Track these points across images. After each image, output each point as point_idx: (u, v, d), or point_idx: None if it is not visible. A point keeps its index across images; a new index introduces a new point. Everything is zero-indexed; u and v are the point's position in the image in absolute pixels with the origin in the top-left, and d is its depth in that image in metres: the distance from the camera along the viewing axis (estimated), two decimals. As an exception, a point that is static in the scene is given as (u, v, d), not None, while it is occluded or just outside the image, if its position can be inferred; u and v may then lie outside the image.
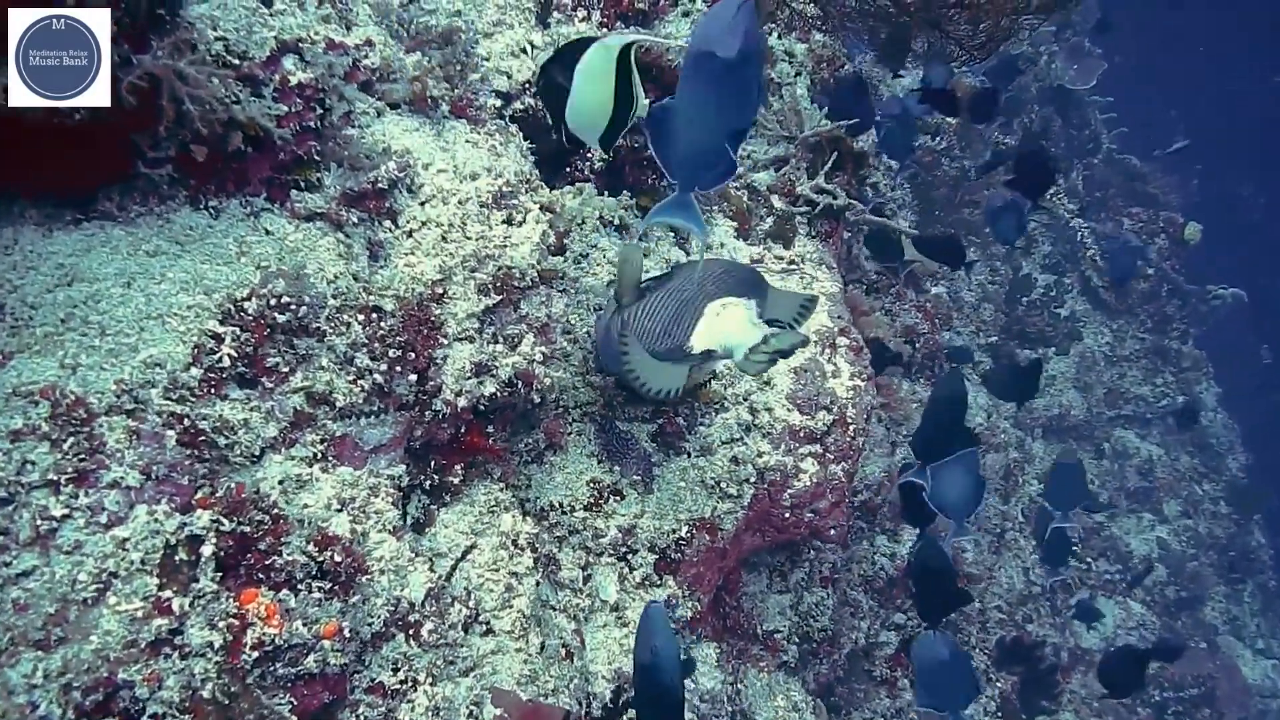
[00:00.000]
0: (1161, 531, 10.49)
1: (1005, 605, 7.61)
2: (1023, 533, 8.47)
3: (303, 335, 2.32)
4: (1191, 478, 11.18)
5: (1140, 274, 9.57)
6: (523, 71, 3.13)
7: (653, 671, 2.38)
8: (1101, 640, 9.05)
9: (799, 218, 4.09)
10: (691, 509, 3.22)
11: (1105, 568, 9.82)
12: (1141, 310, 11.08)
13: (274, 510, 2.16)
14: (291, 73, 2.33)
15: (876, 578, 5.81)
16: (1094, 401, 10.29)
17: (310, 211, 2.43)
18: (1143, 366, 11.08)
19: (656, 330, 2.72)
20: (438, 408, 2.52)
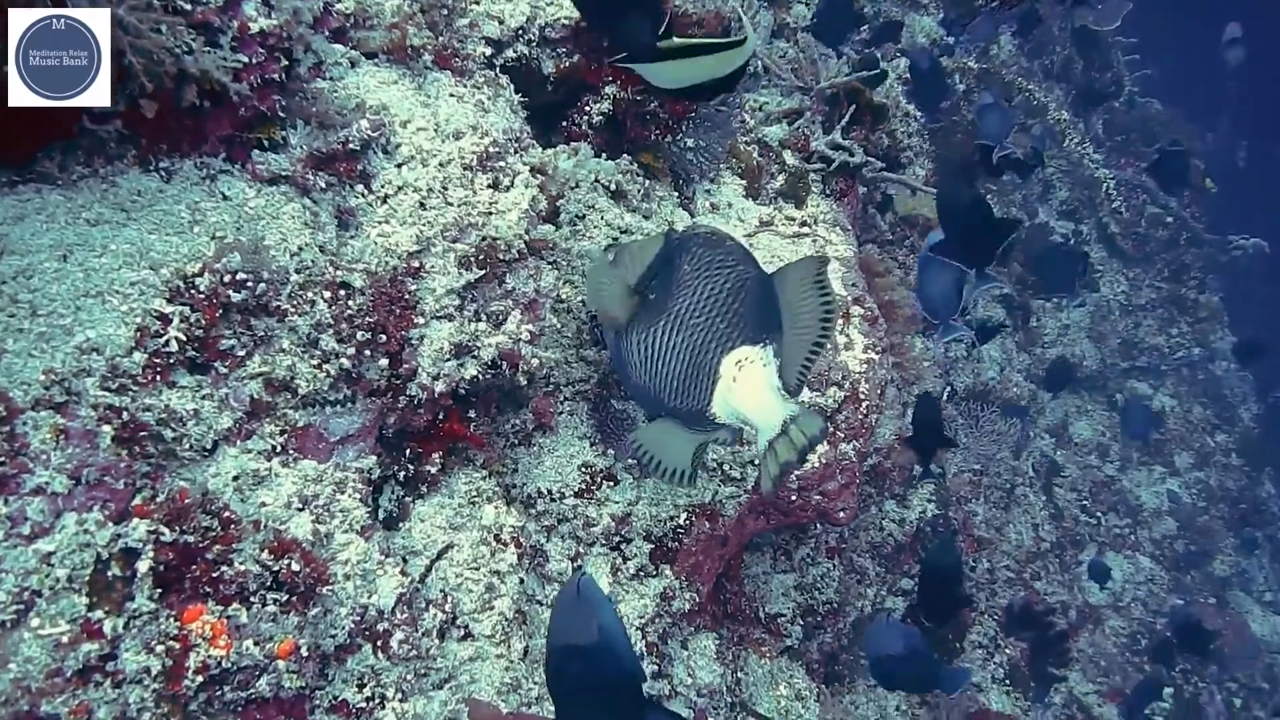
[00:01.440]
0: (1173, 484, 10.31)
1: (1014, 564, 7.43)
2: (1033, 488, 8.28)
3: (261, 315, 2.10)
4: (1204, 429, 10.99)
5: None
6: (516, 16, 2.87)
7: (604, 654, 1.95)
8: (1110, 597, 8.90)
9: (812, 175, 3.83)
10: (691, 493, 3.00)
11: (1115, 522, 9.64)
12: (1159, 259, 10.82)
13: (224, 514, 1.94)
14: (252, 19, 2.08)
15: (884, 544, 5.62)
16: (1108, 352, 10.06)
17: (274, 174, 2.20)
18: (1158, 316, 10.85)
19: (668, 383, 2.31)
20: (413, 393, 2.29)
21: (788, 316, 2.28)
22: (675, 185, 3.39)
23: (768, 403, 2.21)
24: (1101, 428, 9.82)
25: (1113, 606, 8.88)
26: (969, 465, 6.79)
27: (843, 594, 4.56)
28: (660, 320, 2.30)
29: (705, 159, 3.38)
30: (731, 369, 2.24)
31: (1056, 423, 9.38)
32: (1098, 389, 10.16)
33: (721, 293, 2.27)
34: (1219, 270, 11.65)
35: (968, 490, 6.75)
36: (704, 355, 2.26)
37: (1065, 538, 8.74)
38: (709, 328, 2.26)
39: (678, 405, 2.31)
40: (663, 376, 2.31)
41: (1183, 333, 10.97)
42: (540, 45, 2.93)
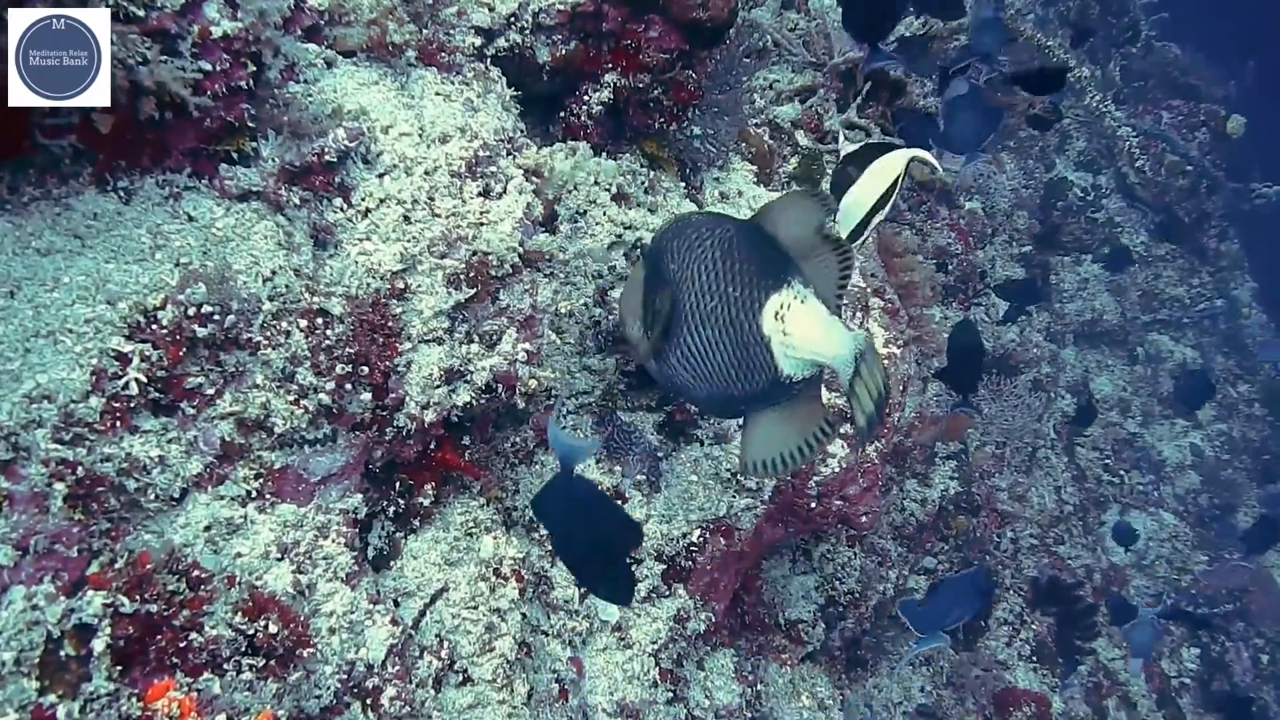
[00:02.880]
0: (1195, 437, 10.16)
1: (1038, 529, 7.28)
2: (1054, 450, 8.12)
3: (231, 349, 1.92)
4: (1226, 380, 10.84)
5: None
6: (507, 2, 2.66)
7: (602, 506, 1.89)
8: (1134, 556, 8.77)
9: (827, 156, 3.63)
10: (704, 507, 2.83)
11: (1138, 479, 9.50)
12: (1179, 208, 10.61)
13: (193, 573, 1.78)
14: (214, 22, 1.89)
15: (906, 525, 5.47)
16: (1128, 305, 9.88)
17: (244, 190, 2.02)
18: (1179, 266, 10.65)
19: (728, 376, 2.16)
20: (401, 424, 2.12)
21: (797, 251, 2.13)
22: (682, 174, 3.20)
23: (829, 332, 2.08)
24: (1123, 383, 9.69)
25: (1136, 565, 8.76)
26: (991, 438, 6.63)
27: (864, 582, 4.41)
28: (682, 328, 2.17)
29: (713, 145, 3.19)
30: (775, 324, 2.10)
31: (1077, 380, 9.23)
32: (1118, 343, 9.99)
33: (716, 263, 2.14)
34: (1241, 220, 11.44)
35: (990, 464, 6.59)
36: (740, 329, 2.12)
37: (1088, 499, 8.61)
38: (727, 302, 2.12)
39: (752, 390, 2.16)
40: (721, 375, 2.17)
41: (1204, 283, 10.78)
42: (535, 32, 2.72)
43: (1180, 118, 10.98)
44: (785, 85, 3.75)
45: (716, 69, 3.08)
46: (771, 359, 2.11)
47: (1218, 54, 12.48)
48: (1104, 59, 10.94)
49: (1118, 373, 9.81)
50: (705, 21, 2.76)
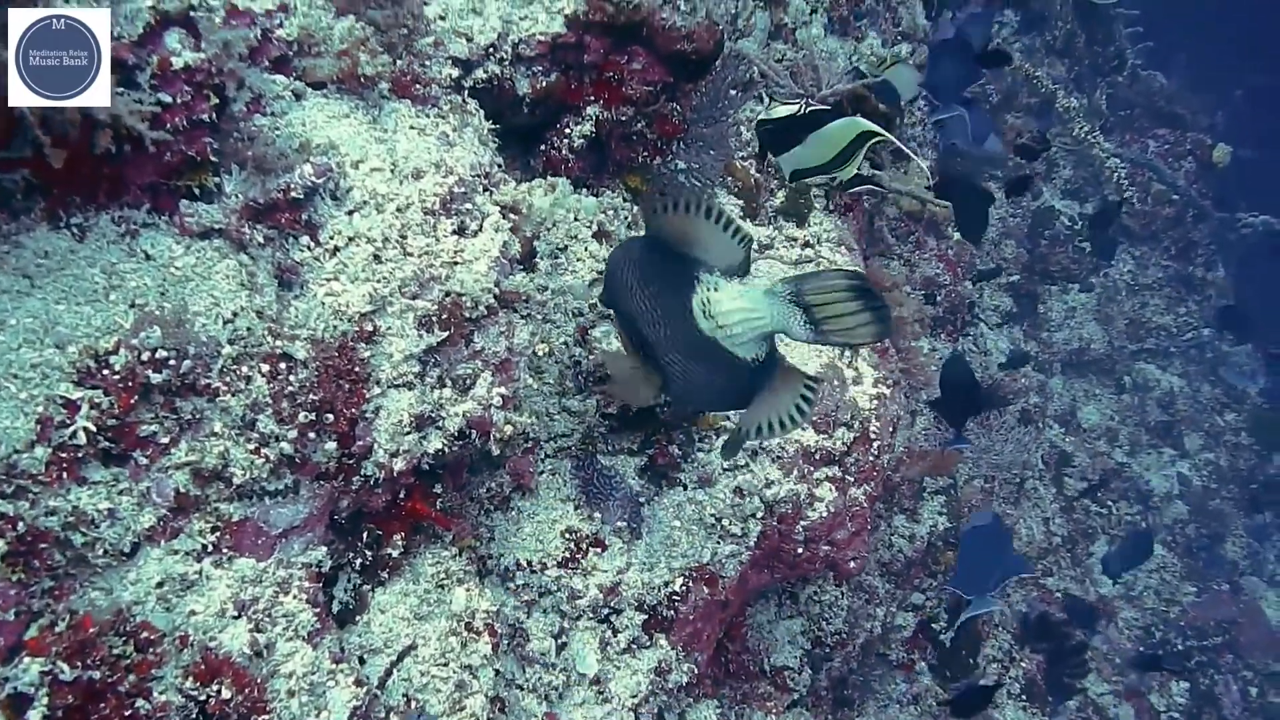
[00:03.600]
0: (1182, 467, 10.12)
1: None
2: (1043, 481, 8.06)
3: (188, 395, 1.82)
4: (1213, 408, 10.82)
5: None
6: (486, 33, 2.58)
7: None
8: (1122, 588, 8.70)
9: (814, 191, 3.55)
10: (687, 554, 2.73)
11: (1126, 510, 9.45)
12: (1165, 236, 10.61)
13: (142, 634, 1.68)
14: (175, 53, 1.81)
15: (894, 561, 5.38)
16: (1115, 334, 9.85)
17: (205, 227, 1.92)
18: (1165, 295, 10.64)
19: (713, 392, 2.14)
20: (368, 472, 2.02)
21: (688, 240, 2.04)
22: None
23: (749, 304, 2.01)
24: (1110, 412, 9.63)
25: (1125, 598, 8.69)
26: (980, 472, 6.55)
27: (852, 621, 4.32)
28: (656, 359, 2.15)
29: (699, 179, 3.10)
30: (708, 322, 2.03)
31: (1064, 409, 9.19)
32: (1106, 372, 9.96)
33: (638, 290, 2.11)
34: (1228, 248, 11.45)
35: (979, 499, 6.50)
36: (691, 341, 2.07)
37: (1076, 530, 8.55)
38: (665, 323, 2.09)
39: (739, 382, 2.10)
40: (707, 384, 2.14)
41: (1190, 311, 10.78)
42: (514, 64, 2.64)
43: (1166, 146, 10.99)
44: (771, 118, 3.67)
45: (702, 101, 3.00)
46: (728, 353, 2.04)
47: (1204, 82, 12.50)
48: (1090, 88, 10.95)
49: (1105, 402, 9.76)
50: (690, 53, 2.68)
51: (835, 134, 2.67)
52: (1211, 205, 10.92)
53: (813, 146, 2.69)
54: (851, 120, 2.70)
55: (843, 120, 2.70)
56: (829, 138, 2.67)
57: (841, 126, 2.68)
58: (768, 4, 3.90)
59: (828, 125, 2.68)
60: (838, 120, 2.69)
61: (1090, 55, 11.27)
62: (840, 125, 2.68)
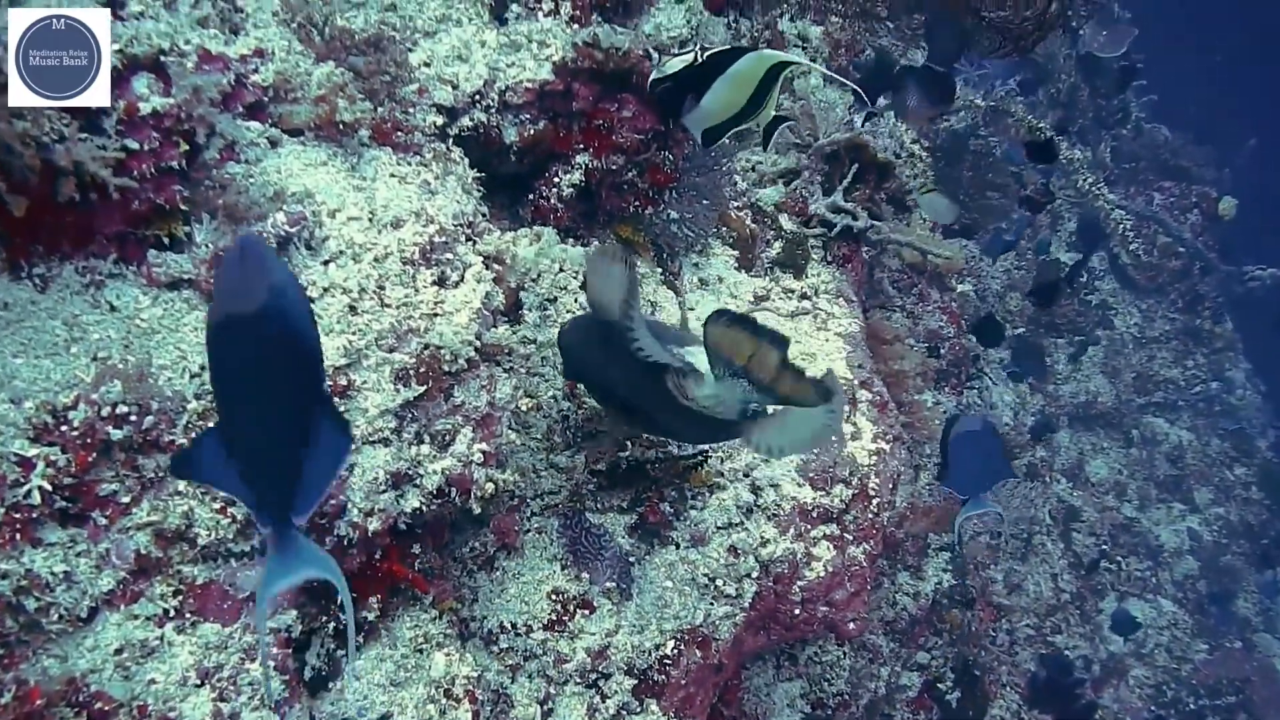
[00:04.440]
0: (1192, 521, 10.01)
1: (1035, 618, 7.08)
2: (1050, 536, 7.95)
3: (151, 452, 1.75)
4: (1222, 462, 10.71)
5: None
6: (472, 80, 2.52)
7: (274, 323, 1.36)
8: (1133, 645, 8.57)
9: (812, 241, 3.48)
10: (680, 616, 2.63)
11: (1136, 566, 9.33)
12: (1172, 289, 10.56)
13: (96, 704, 1.60)
14: (143, 98, 1.76)
15: (898, 619, 5.26)
16: (1122, 387, 9.77)
17: (174, 278, 1.86)
18: (1173, 348, 10.57)
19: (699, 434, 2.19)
20: (341, 532, 1.94)
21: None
22: (659, 260, 3.04)
23: (714, 391, 2.04)
24: (1119, 466, 9.54)
25: (1135, 655, 8.55)
26: (986, 528, 6.44)
27: (854, 682, 4.21)
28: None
29: (692, 230, 3.04)
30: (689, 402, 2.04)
31: (1072, 463, 9.10)
32: (1114, 426, 9.88)
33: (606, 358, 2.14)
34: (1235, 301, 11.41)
35: (985, 555, 6.40)
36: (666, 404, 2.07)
37: (1085, 587, 8.43)
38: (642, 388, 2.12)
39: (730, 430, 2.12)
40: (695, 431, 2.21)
41: (1198, 364, 10.72)
42: (501, 111, 2.58)
43: (1172, 199, 10.97)
44: (768, 167, 3.61)
45: (694, 150, 2.94)
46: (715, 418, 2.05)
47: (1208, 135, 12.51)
48: (1094, 140, 10.95)
49: (1113, 455, 9.67)
50: (683, 101, 2.62)
51: (744, 74, 2.45)
52: (1218, 258, 10.88)
53: (721, 93, 2.48)
54: (758, 54, 2.47)
55: (748, 56, 2.46)
56: (737, 79, 2.46)
57: (749, 63, 2.45)
58: (766, 52, 3.86)
59: (733, 67, 2.45)
60: (743, 58, 2.46)
61: (1094, 108, 11.29)
62: (747, 62, 2.45)
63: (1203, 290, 10.77)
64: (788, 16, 4.19)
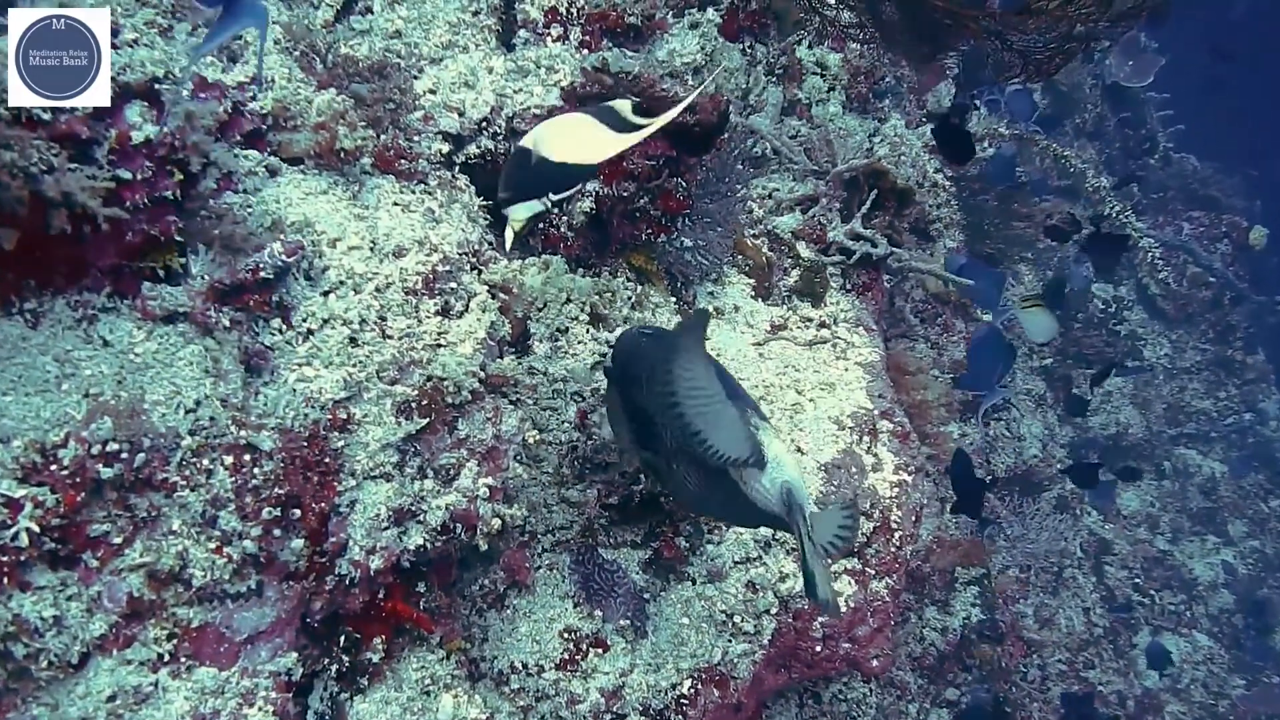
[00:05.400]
0: (1227, 555, 9.86)
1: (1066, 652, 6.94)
2: (1082, 570, 7.82)
3: (144, 490, 1.70)
4: (1257, 494, 10.55)
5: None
6: (479, 107, 2.47)
7: None
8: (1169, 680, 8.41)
9: (831, 269, 3.42)
10: (697, 653, 2.56)
11: (1170, 600, 9.18)
12: (1203, 320, 10.44)
13: (86, 754, 1.53)
14: (136, 126, 1.72)
15: (926, 655, 5.16)
16: (1153, 419, 9.65)
17: (169, 310, 1.81)
18: (1204, 379, 10.44)
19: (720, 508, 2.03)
20: (343, 571, 1.88)
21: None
22: (672, 289, 2.98)
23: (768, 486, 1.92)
24: (1150, 498, 9.41)
25: (1171, 690, 8.39)
26: (1015, 561, 6.33)
27: (881, 720, 4.12)
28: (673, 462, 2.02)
29: (706, 258, 2.98)
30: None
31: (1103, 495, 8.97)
32: (1145, 457, 9.75)
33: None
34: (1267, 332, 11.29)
35: (1015, 589, 6.28)
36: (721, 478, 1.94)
37: (1118, 621, 8.29)
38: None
39: (752, 517, 1.99)
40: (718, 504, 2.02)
41: (1230, 395, 10.58)
42: (509, 138, 2.53)
43: (1201, 229, 10.87)
44: (785, 194, 3.55)
45: (708, 177, 2.88)
46: (751, 503, 1.92)
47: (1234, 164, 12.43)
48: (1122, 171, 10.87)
49: (1145, 488, 9.54)
50: (693, 126, 2.57)
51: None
52: (1249, 288, 10.77)
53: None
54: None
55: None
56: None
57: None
58: (781, 80, 3.81)
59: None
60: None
61: (1121, 138, 11.22)
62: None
63: (1234, 321, 10.65)
64: (806, 43, 4.14)
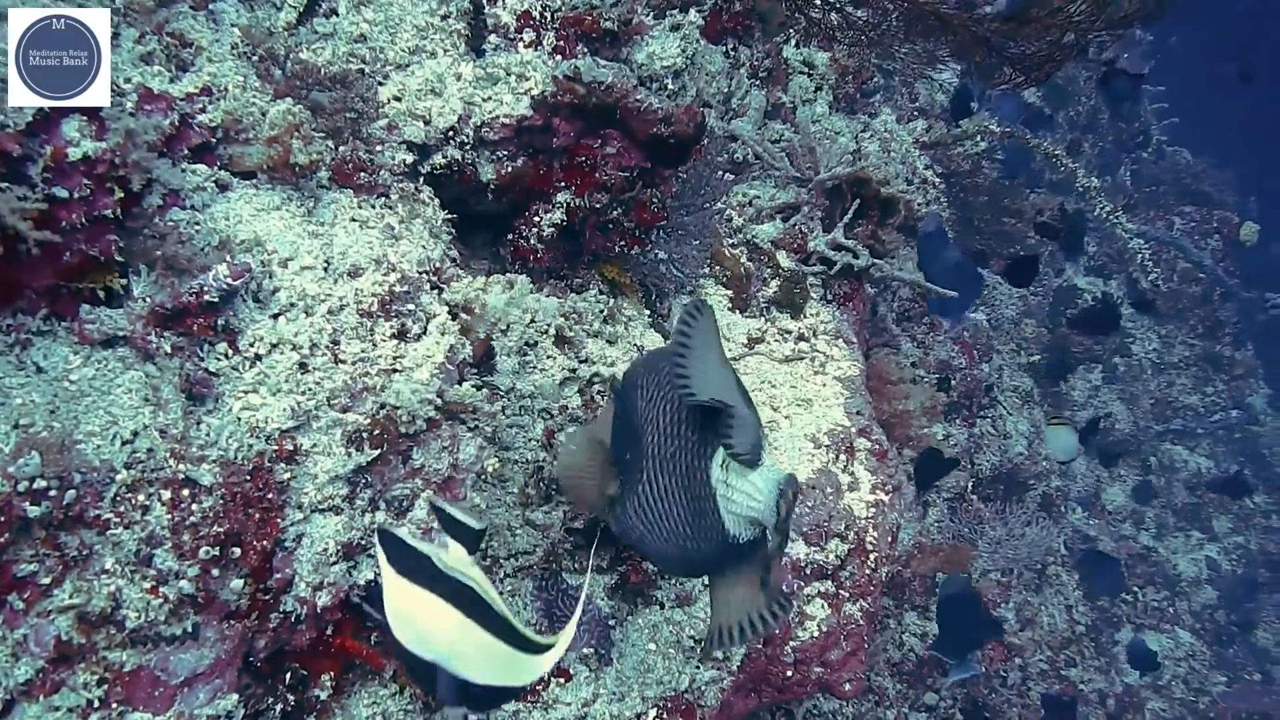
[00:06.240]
0: (1211, 550, 9.85)
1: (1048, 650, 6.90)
2: (1065, 567, 7.77)
3: (75, 528, 1.62)
4: (1244, 490, 10.57)
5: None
6: (445, 115, 2.38)
7: None
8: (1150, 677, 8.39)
9: (811, 279, 3.34)
10: (663, 680, 2.49)
11: (1153, 596, 9.16)
12: (1192, 315, 10.41)
13: (4, 812, 1.45)
14: (73, 142, 1.63)
15: (905, 660, 5.11)
16: (1140, 414, 9.62)
17: (108, 335, 1.72)
18: (1192, 375, 10.42)
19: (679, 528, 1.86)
20: (289, 608, 1.80)
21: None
22: (647, 301, 2.90)
23: (764, 485, 1.76)
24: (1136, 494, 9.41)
25: (1152, 687, 8.38)
26: (997, 565, 6.27)
27: (858, 729, 4.07)
28: (641, 474, 1.87)
29: (681, 269, 2.89)
30: (720, 474, 1.79)
31: (1088, 492, 8.95)
32: (1131, 453, 9.72)
33: (678, 404, 1.85)
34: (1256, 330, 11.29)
35: (997, 593, 6.24)
36: (694, 478, 1.81)
37: (1101, 619, 8.28)
38: (684, 446, 1.83)
39: (706, 549, 1.84)
40: (674, 529, 1.86)
41: (1218, 391, 10.57)
42: (476, 148, 2.43)
43: (1193, 224, 10.83)
44: (766, 202, 3.46)
45: (683, 188, 2.80)
46: (717, 514, 1.80)
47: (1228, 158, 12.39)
48: (1114, 164, 10.82)
49: (1130, 484, 9.52)
50: (668, 137, 2.48)
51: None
52: (1239, 284, 10.73)
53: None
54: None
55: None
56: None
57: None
58: (765, 82, 3.72)
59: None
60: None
61: (1114, 131, 11.17)
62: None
63: (1223, 316, 10.63)
64: (793, 42, 4.05)
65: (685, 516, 1.83)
